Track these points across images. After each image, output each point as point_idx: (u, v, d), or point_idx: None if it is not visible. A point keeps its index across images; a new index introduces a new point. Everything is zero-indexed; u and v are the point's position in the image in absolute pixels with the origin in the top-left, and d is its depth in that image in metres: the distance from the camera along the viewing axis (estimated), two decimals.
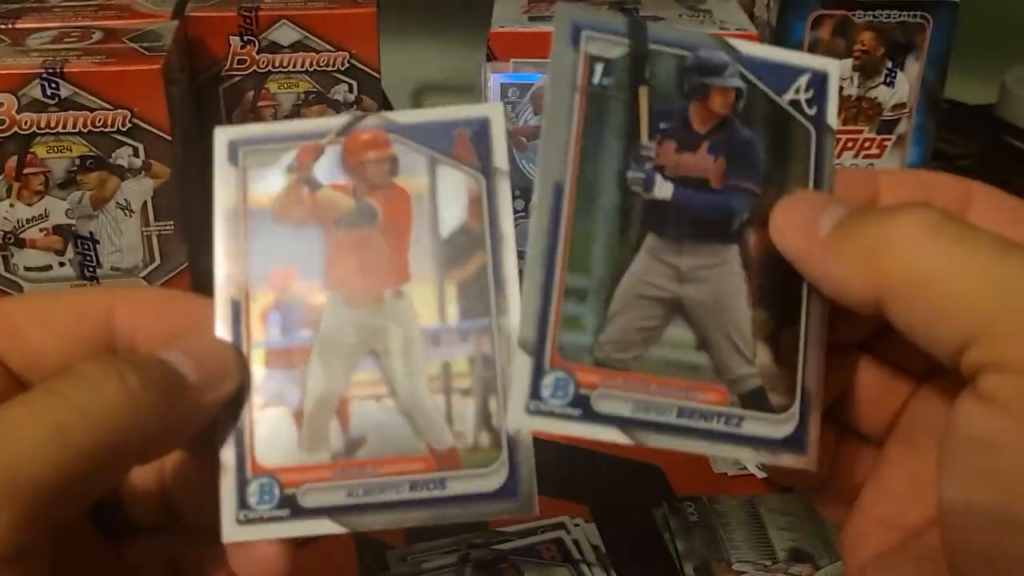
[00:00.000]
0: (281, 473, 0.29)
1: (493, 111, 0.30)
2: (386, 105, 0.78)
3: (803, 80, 0.29)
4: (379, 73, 0.67)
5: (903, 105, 0.71)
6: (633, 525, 0.57)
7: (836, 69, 0.29)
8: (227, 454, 0.29)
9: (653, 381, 0.27)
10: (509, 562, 0.54)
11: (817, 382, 0.28)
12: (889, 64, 0.70)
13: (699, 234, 0.28)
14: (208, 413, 0.29)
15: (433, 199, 0.30)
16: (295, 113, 0.67)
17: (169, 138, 0.58)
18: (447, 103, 0.31)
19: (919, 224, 0.24)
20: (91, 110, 0.57)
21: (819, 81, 0.29)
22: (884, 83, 0.70)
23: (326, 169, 0.30)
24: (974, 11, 0.73)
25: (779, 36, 0.69)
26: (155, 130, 0.58)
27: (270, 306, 0.30)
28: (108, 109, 0.57)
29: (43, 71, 0.56)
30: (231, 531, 0.29)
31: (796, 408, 0.28)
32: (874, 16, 0.68)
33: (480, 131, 0.30)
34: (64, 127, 0.57)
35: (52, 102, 0.57)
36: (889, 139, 0.72)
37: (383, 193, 0.30)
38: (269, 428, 0.29)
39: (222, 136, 0.31)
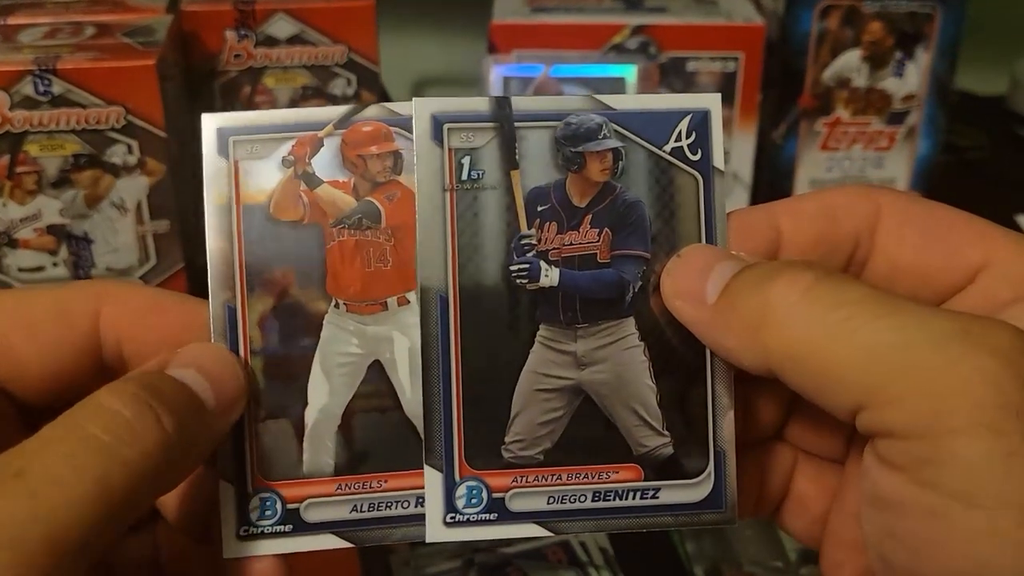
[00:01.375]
0: (283, 488, 0.28)
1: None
2: (385, 99, 0.77)
3: (683, 125, 0.28)
4: (378, 67, 0.66)
5: (913, 96, 0.70)
6: None
7: (717, 105, 0.28)
8: (228, 468, 0.28)
9: (565, 471, 0.27)
10: (514, 566, 0.53)
11: (729, 438, 0.28)
12: (898, 54, 0.69)
13: (592, 314, 0.28)
14: (222, 436, 0.28)
15: None
16: (293, 107, 0.66)
17: (164, 135, 0.57)
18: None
19: (792, 292, 0.24)
20: (84, 107, 0.56)
21: (700, 122, 0.28)
22: (893, 74, 0.69)
23: (324, 163, 0.28)
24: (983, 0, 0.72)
25: (786, 26, 0.68)
26: (149, 127, 0.57)
27: (268, 312, 0.29)
28: (101, 106, 0.56)
29: (35, 68, 0.55)
30: (232, 546, 0.28)
31: (711, 468, 0.28)
32: (882, 6, 0.67)
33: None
34: (57, 125, 0.56)
35: (44, 99, 0.55)
36: (898, 131, 0.71)
37: (386, 191, 0.29)
38: (270, 441, 0.28)
39: (210, 124, 0.29)
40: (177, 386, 0.26)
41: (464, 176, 0.27)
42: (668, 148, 0.28)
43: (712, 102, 0.28)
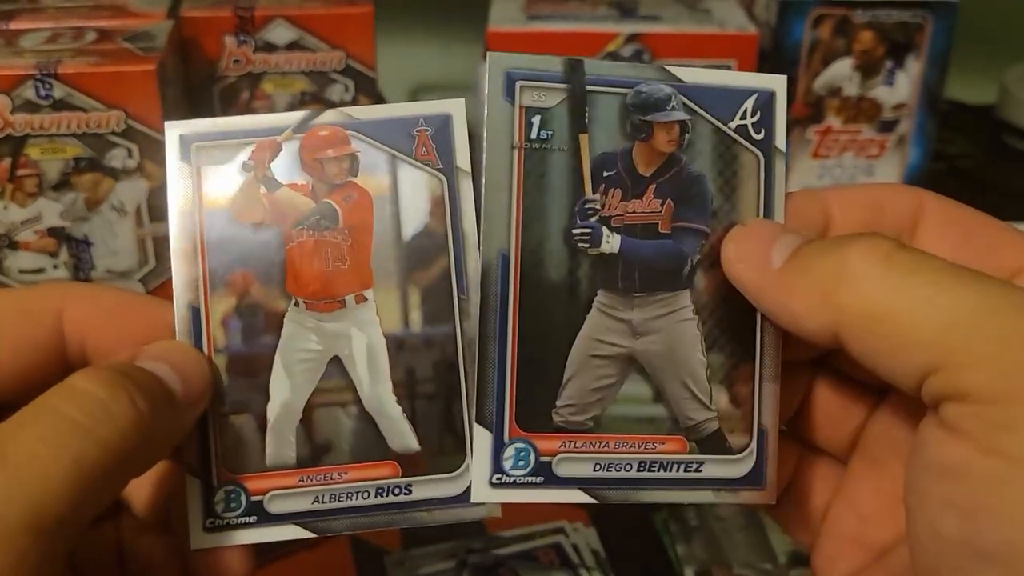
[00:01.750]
0: (247, 480, 0.29)
1: (455, 107, 0.29)
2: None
3: (749, 103, 0.28)
4: (375, 73, 0.67)
5: (903, 105, 0.71)
6: (633, 529, 0.56)
7: (782, 86, 0.28)
8: (193, 462, 0.29)
9: (612, 439, 0.28)
10: (507, 567, 0.54)
11: (773, 417, 0.28)
12: (889, 63, 0.69)
13: (650, 284, 0.28)
14: (189, 426, 0.28)
15: (395, 200, 0.29)
16: None
17: (163, 139, 0.57)
18: None
19: (872, 256, 0.24)
20: (85, 111, 0.57)
21: (766, 102, 0.28)
22: (884, 83, 0.70)
23: (283, 167, 0.29)
24: (974, 10, 0.73)
25: (778, 36, 0.69)
26: (149, 131, 0.57)
27: (230, 311, 0.29)
28: (102, 110, 0.57)
29: (36, 72, 0.56)
30: (199, 538, 0.29)
31: (753, 445, 0.28)
32: (874, 15, 0.68)
33: (441, 128, 0.29)
34: (58, 128, 0.57)
35: (46, 103, 0.56)
36: (889, 139, 0.71)
37: (343, 193, 0.29)
38: (234, 436, 0.29)
39: (173, 131, 0.30)
40: (148, 375, 0.27)
41: (534, 135, 0.27)
42: (733, 125, 0.28)
43: (778, 83, 0.28)
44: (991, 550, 0.22)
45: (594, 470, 0.28)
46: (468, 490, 0.29)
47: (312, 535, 0.29)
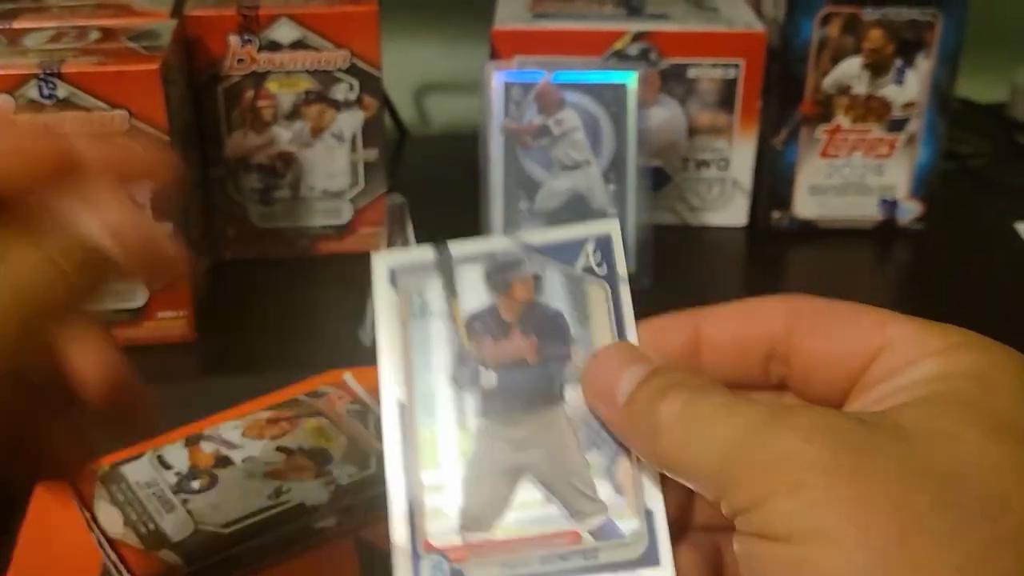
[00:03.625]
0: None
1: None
2: (387, 105, 0.77)
3: (590, 247, 0.34)
4: (380, 72, 0.67)
5: (913, 104, 0.70)
6: None
7: (616, 227, 0.34)
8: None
9: (514, 541, 0.32)
10: None
11: (657, 499, 0.32)
12: (898, 62, 0.69)
13: (526, 407, 0.33)
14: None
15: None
16: (295, 112, 0.67)
17: (167, 139, 0.57)
18: (449, 102, 0.30)
19: (673, 412, 0.29)
20: (88, 111, 0.56)
21: (605, 243, 0.34)
22: (893, 81, 0.70)
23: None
24: (984, 7, 0.72)
25: (787, 34, 0.69)
26: (153, 131, 0.57)
27: None
28: (105, 110, 0.56)
29: (40, 71, 0.56)
30: None
31: (643, 528, 0.32)
32: (883, 13, 0.68)
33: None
34: (61, 129, 0.56)
35: (49, 103, 0.56)
36: (899, 138, 0.71)
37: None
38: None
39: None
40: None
41: (415, 310, 0.33)
42: (579, 267, 0.33)
43: (612, 226, 0.34)
44: None
45: (501, 570, 0.32)
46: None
47: None
